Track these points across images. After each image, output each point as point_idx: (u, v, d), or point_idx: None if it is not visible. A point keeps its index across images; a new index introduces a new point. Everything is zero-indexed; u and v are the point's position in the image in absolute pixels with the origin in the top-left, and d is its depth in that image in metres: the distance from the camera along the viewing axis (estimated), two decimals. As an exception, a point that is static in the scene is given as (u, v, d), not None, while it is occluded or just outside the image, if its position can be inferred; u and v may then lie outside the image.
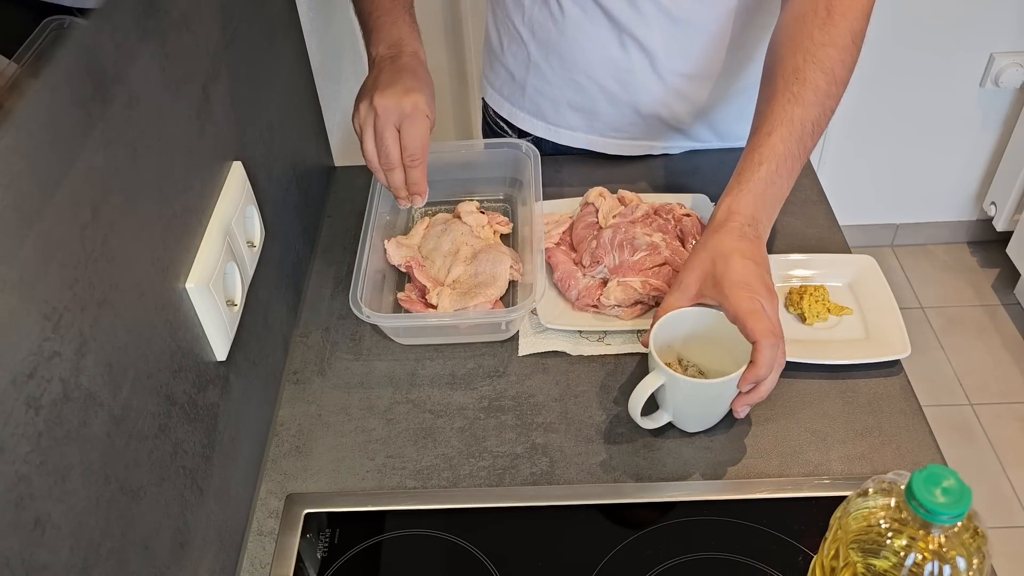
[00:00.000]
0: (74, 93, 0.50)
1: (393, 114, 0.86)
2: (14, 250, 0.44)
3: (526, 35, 1.05)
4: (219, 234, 0.70)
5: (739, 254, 0.76)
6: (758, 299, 0.73)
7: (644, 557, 0.72)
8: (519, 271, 0.94)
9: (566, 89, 1.07)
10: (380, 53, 0.92)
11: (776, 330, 0.73)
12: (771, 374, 0.74)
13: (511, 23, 1.06)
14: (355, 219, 1.02)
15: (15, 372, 0.43)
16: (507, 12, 1.06)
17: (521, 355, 0.89)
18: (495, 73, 1.14)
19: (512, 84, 1.12)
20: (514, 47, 1.08)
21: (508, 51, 1.09)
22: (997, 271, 2.30)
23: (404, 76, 0.88)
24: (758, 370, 0.72)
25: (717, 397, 0.78)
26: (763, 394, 0.75)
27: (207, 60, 0.72)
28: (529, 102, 1.11)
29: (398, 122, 0.86)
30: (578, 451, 0.80)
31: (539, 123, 1.12)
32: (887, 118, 2.07)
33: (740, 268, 0.75)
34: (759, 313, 0.72)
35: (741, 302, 0.73)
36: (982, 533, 0.53)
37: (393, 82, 0.87)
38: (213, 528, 0.69)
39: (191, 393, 0.66)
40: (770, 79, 0.84)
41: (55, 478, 0.47)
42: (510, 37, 1.08)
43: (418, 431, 0.83)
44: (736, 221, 0.78)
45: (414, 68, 0.90)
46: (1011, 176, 2.11)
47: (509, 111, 1.14)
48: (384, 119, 0.86)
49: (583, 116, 1.09)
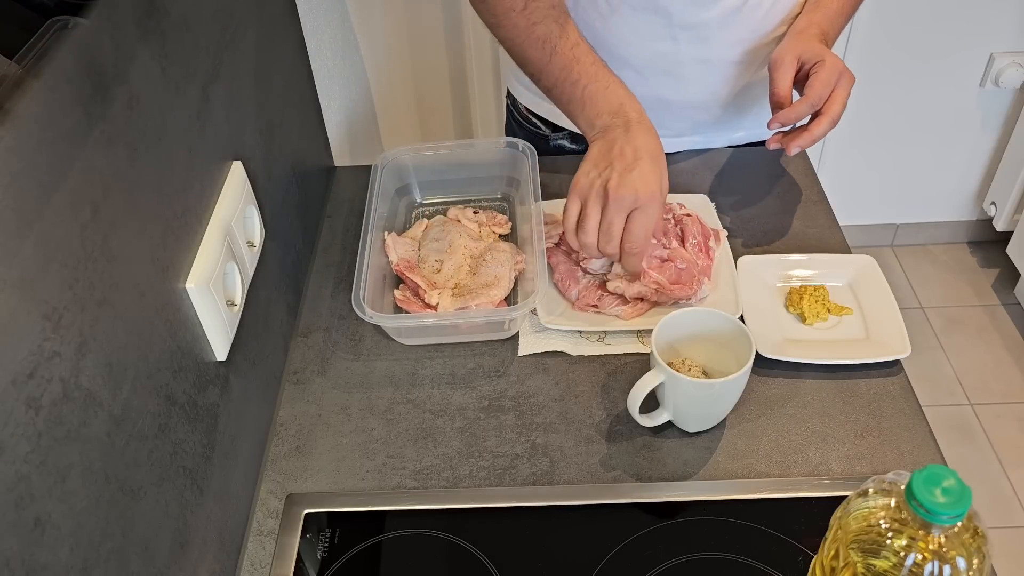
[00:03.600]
0: (74, 93, 0.50)
1: (627, 205, 0.81)
2: (14, 250, 0.44)
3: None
4: (219, 234, 0.70)
5: (821, 45, 0.92)
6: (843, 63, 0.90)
7: (644, 557, 0.72)
8: (522, 262, 0.95)
9: None
10: (605, 123, 0.87)
11: (843, 65, 0.90)
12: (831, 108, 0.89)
13: None
14: (355, 219, 1.02)
15: (15, 372, 0.43)
16: None
17: (521, 355, 0.89)
18: None
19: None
20: None
21: None
22: (997, 271, 2.30)
23: (641, 159, 0.82)
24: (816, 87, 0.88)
25: (718, 398, 0.78)
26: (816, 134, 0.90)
27: (207, 60, 0.72)
28: None
29: (630, 210, 0.82)
30: (578, 451, 0.80)
31: None
32: (887, 118, 2.07)
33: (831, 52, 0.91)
34: (836, 56, 0.90)
35: (833, 56, 0.90)
36: (982, 533, 0.53)
37: (631, 167, 0.81)
38: (213, 528, 0.69)
39: (191, 393, 0.66)
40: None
41: (55, 478, 0.47)
42: None
43: (418, 431, 0.83)
44: (815, 29, 0.94)
45: (647, 142, 0.84)
46: (1011, 176, 2.11)
47: (549, 110, 1.12)
48: (615, 209, 0.81)
49: None
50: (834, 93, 0.90)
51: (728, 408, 0.79)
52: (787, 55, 0.91)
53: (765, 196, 1.07)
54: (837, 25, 0.97)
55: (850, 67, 0.92)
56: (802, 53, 0.91)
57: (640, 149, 0.83)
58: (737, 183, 1.08)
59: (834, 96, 0.90)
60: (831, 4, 0.97)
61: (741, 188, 1.08)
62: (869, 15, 1.87)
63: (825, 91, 0.89)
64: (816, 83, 0.89)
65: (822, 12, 0.96)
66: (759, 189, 1.08)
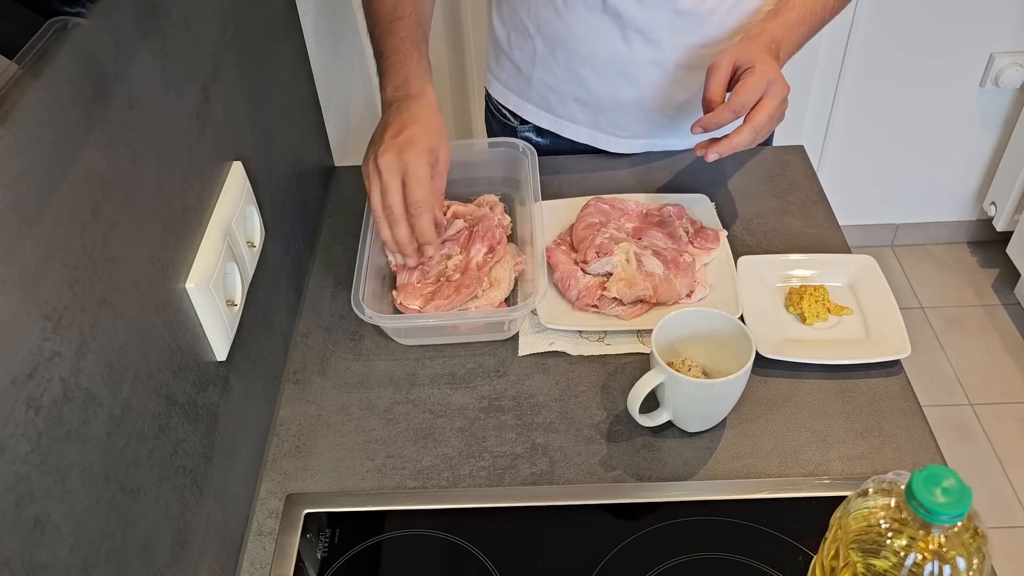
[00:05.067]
0: (74, 93, 0.50)
1: (395, 171, 0.85)
2: (14, 250, 0.44)
3: (532, 30, 1.06)
4: (219, 234, 0.70)
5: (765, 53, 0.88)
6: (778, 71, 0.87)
7: (644, 557, 0.72)
8: (522, 263, 0.95)
9: (571, 83, 1.07)
10: (388, 96, 0.91)
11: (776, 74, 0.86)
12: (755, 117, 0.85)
13: (517, 18, 1.07)
14: (355, 219, 1.02)
15: (15, 372, 0.43)
16: (513, 8, 1.07)
17: (521, 355, 0.89)
18: (501, 67, 1.14)
19: (519, 77, 1.12)
20: (520, 41, 1.08)
21: (515, 45, 1.09)
22: (997, 271, 2.30)
23: (406, 127, 0.86)
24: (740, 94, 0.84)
25: (718, 398, 0.78)
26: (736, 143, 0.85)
27: (207, 60, 0.72)
28: (536, 95, 1.12)
29: (402, 175, 0.85)
30: (578, 451, 0.80)
31: (546, 115, 1.13)
32: (887, 118, 2.07)
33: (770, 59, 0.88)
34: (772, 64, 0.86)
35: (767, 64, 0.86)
36: (982, 533, 0.53)
37: (396, 134, 0.85)
38: (213, 528, 0.69)
39: (191, 393, 0.66)
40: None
41: (55, 478, 0.47)
42: (516, 31, 1.08)
43: (418, 431, 0.83)
44: (767, 37, 0.91)
45: (416, 113, 0.88)
46: (1011, 176, 2.11)
47: (516, 103, 1.15)
48: (388, 176, 0.85)
49: (588, 111, 1.10)
50: (761, 102, 0.86)
51: (728, 408, 0.79)
52: (724, 59, 0.88)
53: (765, 196, 1.07)
54: (796, 35, 0.94)
55: (850, 67, 0.92)
56: (738, 58, 0.88)
57: (408, 120, 0.87)
58: (737, 183, 1.09)
59: (760, 105, 0.86)
60: (790, 13, 0.93)
61: (741, 188, 1.08)
62: (869, 15, 1.87)
63: (749, 98, 0.85)
64: (740, 90, 0.86)
65: (779, 20, 0.93)
66: (759, 189, 1.08)
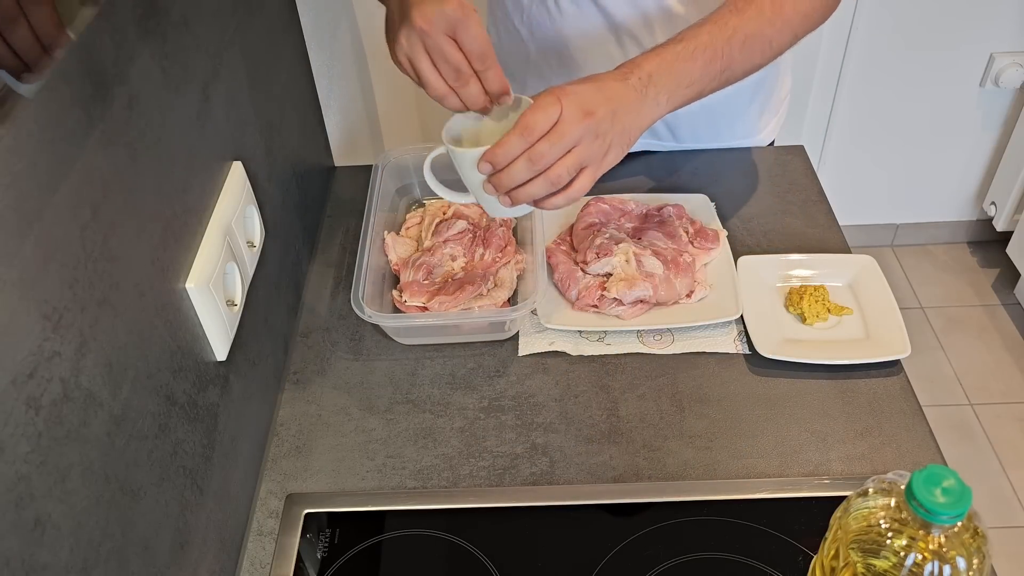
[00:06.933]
0: (74, 93, 0.50)
1: (441, 24, 0.73)
2: (14, 250, 0.44)
3: (525, 34, 1.06)
4: (219, 234, 0.70)
5: (596, 81, 0.75)
6: (561, 105, 0.71)
7: (644, 557, 0.72)
8: (522, 263, 0.95)
9: None
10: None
11: (538, 127, 0.70)
12: (514, 166, 0.71)
13: (510, 22, 1.07)
14: (355, 219, 1.02)
15: (15, 372, 0.43)
16: (506, 11, 1.07)
17: (521, 355, 0.89)
18: None
19: (512, 82, 1.11)
20: (514, 46, 1.08)
21: (508, 50, 1.09)
22: (997, 271, 2.29)
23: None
24: (494, 151, 0.71)
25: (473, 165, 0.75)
26: (505, 183, 0.72)
27: (207, 60, 0.72)
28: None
29: (450, 30, 0.74)
30: (578, 451, 0.80)
31: None
32: (887, 118, 2.07)
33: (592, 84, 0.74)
34: (546, 108, 0.71)
35: (546, 96, 0.72)
36: (982, 533, 0.53)
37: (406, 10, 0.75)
38: (213, 528, 0.69)
39: (191, 393, 0.66)
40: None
41: (55, 478, 0.47)
42: (510, 36, 1.08)
43: (418, 431, 0.83)
44: (627, 68, 0.77)
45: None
46: (1011, 176, 2.11)
47: None
48: (435, 34, 0.73)
49: None
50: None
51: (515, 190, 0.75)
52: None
53: (765, 196, 1.07)
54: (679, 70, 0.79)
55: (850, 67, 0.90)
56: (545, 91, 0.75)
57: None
58: (737, 183, 1.09)
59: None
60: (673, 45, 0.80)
61: (741, 188, 1.08)
62: (869, 15, 1.87)
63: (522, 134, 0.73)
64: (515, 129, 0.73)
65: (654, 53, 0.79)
66: (759, 189, 1.08)
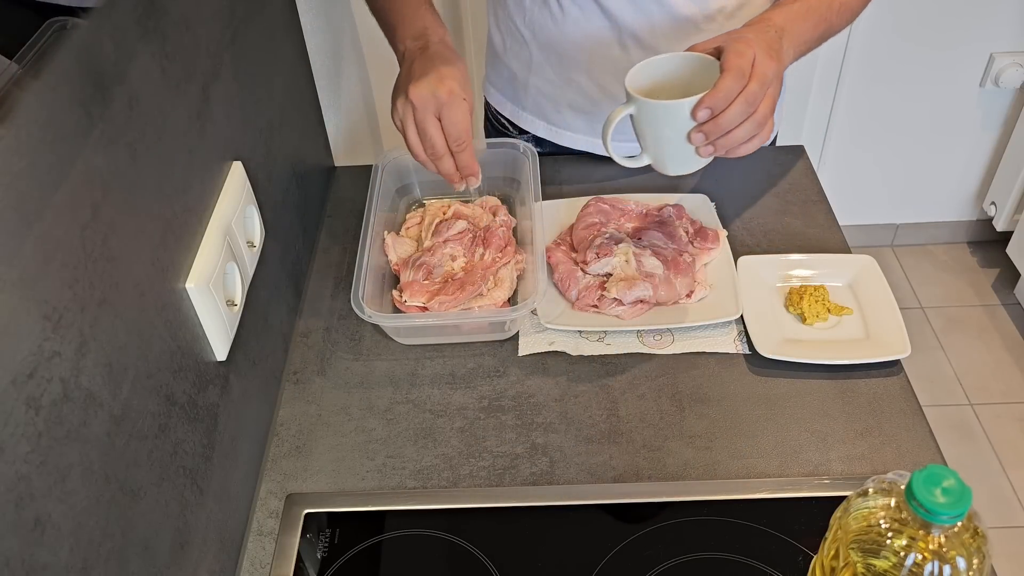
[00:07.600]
0: (74, 93, 0.50)
1: (431, 104, 0.84)
2: (14, 250, 0.44)
3: (527, 36, 1.06)
4: (219, 234, 0.70)
5: (755, 35, 0.79)
6: (753, 50, 0.76)
7: (644, 557, 0.72)
8: (522, 262, 0.95)
9: (567, 90, 1.07)
10: (408, 47, 0.90)
11: (746, 70, 0.74)
12: (732, 109, 0.74)
13: (513, 24, 1.07)
14: (355, 219, 1.02)
15: (15, 372, 0.43)
16: (509, 13, 1.07)
17: (521, 355, 0.89)
18: (497, 74, 1.14)
19: (515, 84, 1.12)
20: (516, 48, 1.08)
21: (510, 52, 1.09)
22: (997, 271, 2.30)
23: (435, 64, 0.86)
24: (715, 95, 0.73)
25: (687, 122, 0.76)
26: (723, 126, 0.75)
27: (207, 60, 0.72)
28: (531, 102, 1.11)
29: (437, 111, 0.85)
30: (578, 451, 0.80)
31: (541, 123, 1.13)
32: (887, 118, 2.07)
33: (752, 34, 0.79)
34: (744, 54, 0.75)
35: (736, 44, 0.76)
36: (982, 533, 0.53)
37: (425, 72, 0.85)
38: (213, 528, 0.69)
39: (191, 393, 0.66)
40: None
41: (55, 478, 0.47)
42: (512, 38, 1.08)
43: (418, 431, 0.83)
44: (765, 23, 0.83)
45: (443, 54, 0.88)
46: (1011, 176, 2.11)
47: (512, 111, 1.14)
48: (422, 110, 0.85)
49: (584, 118, 1.09)
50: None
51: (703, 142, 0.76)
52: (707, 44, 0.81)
53: (765, 196, 1.07)
54: (801, 28, 0.85)
55: (850, 67, 0.90)
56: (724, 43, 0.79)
57: (433, 59, 0.86)
58: (737, 183, 1.08)
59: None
60: (793, 4, 0.86)
61: (741, 188, 1.08)
62: (869, 15, 1.87)
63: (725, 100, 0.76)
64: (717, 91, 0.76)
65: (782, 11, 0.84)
66: (759, 189, 1.08)
